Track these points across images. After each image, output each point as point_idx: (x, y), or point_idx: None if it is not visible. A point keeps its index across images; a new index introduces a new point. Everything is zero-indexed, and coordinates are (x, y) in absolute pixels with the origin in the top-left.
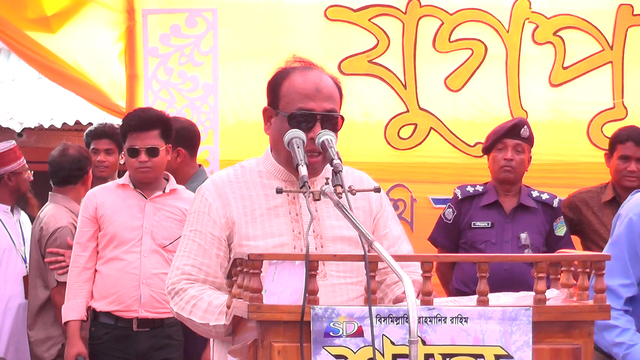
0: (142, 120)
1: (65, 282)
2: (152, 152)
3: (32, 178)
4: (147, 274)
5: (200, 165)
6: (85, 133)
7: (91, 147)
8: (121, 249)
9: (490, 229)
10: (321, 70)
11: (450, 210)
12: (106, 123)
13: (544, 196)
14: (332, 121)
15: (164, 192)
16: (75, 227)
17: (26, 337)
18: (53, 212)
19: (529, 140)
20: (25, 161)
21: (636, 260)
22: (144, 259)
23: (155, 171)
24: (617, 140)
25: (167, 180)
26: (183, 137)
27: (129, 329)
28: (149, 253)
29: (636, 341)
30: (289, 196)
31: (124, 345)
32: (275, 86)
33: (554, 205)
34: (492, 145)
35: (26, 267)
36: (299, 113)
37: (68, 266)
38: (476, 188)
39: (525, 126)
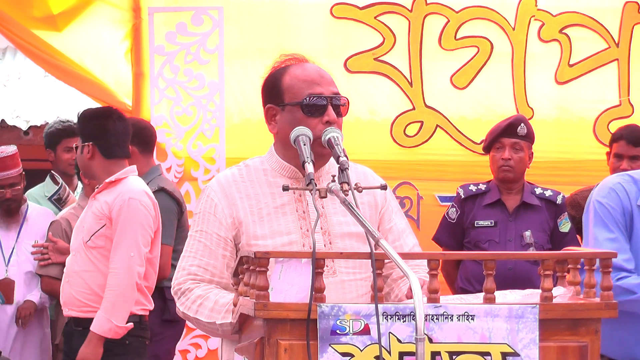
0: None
1: (44, 275)
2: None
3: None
4: (69, 271)
5: (160, 164)
6: (49, 132)
7: (61, 146)
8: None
9: (493, 228)
10: (314, 63)
11: (454, 209)
12: (72, 121)
13: (548, 193)
14: (340, 105)
15: (99, 187)
16: (69, 222)
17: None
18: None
19: (528, 138)
20: (11, 174)
21: (622, 235)
22: (71, 258)
23: (80, 169)
24: (612, 139)
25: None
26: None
27: (71, 326)
28: (76, 251)
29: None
30: (295, 194)
31: (68, 342)
32: (274, 83)
33: (557, 202)
34: (490, 144)
35: (6, 270)
36: (311, 98)
37: (49, 259)
38: (479, 187)
39: (522, 124)
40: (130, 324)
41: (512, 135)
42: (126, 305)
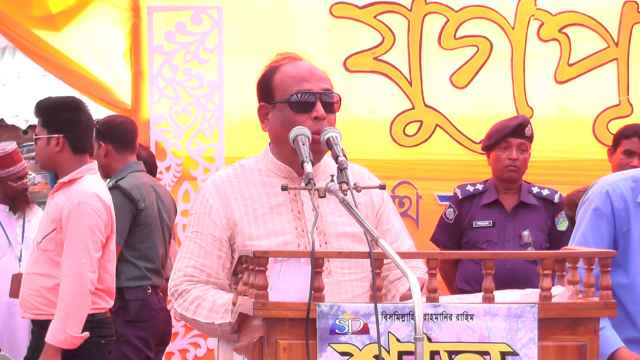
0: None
1: None
2: (35, 141)
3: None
4: (24, 273)
5: (138, 162)
6: None
7: None
8: None
9: (492, 228)
10: (308, 61)
11: (451, 210)
12: None
13: (545, 192)
14: (331, 101)
15: (55, 187)
16: None
17: (17, 334)
18: None
19: (531, 139)
20: (18, 168)
21: (602, 246)
22: (28, 258)
23: (40, 161)
24: (622, 135)
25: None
26: (103, 132)
27: (33, 328)
28: (33, 252)
29: (604, 325)
30: (290, 194)
31: (31, 344)
32: (266, 81)
33: (554, 201)
34: (495, 143)
35: (19, 265)
36: (298, 94)
37: None
38: (476, 187)
39: (529, 125)
40: (87, 333)
41: (519, 135)
42: (80, 314)
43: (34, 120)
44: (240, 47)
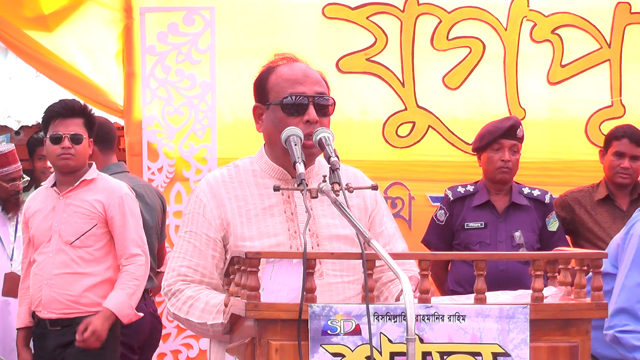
0: (68, 107)
1: None
2: (76, 139)
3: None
4: (49, 274)
5: (117, 163)
6: (29, 142)
7: (37, 154)
8: (37, 251)
9: (484, 230)
10: (305, 63)
11: (442, 211)
12: None
13: (535, 192)
14: (324, 104)
15: (74, 185)
16: None
17: (11, 333)
18: None
19: (522, 140)
20: (12, 169)
21: None
22: (49, 259)
23: (78, 160)
24: (612, 136)
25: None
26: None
27: (45, 327)
28: (55, 253)
29: None
30: (283, 195)
31: (41, 344)
32: (262, 82)
33: (545, 202)
34: (487, 145)
35: (11, 264)
36: (291, 97)
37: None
38: (467, 188)
39: (520, 126)
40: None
41: (511, 137)
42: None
43: (26, 121)
44: (233, 48)
